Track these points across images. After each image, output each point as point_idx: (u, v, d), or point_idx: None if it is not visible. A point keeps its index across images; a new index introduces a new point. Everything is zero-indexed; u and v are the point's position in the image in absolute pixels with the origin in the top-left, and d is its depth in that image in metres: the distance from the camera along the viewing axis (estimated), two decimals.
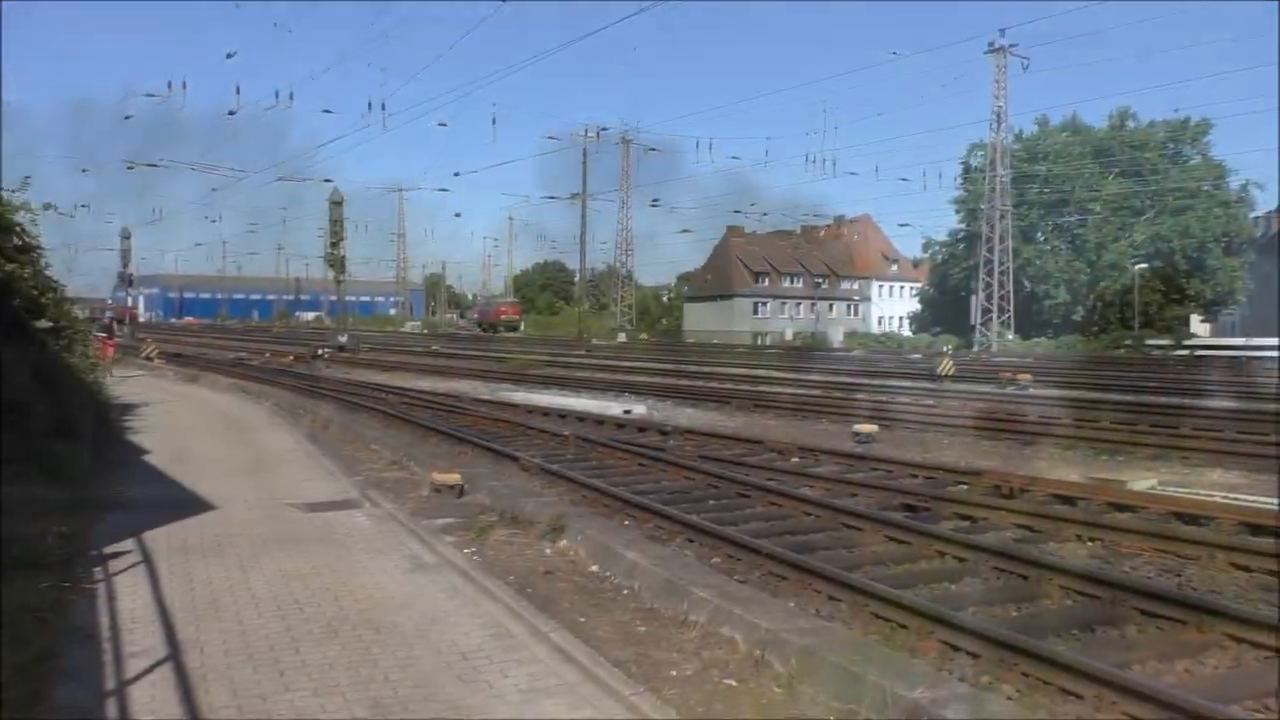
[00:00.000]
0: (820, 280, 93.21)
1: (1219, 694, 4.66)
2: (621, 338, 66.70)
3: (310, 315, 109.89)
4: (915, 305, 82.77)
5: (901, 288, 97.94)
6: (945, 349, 39.76)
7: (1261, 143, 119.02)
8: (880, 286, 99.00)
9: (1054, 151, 62.50)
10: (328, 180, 63.34)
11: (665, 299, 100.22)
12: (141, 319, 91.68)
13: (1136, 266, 57.33)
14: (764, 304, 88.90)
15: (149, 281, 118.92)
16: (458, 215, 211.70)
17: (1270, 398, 20.41)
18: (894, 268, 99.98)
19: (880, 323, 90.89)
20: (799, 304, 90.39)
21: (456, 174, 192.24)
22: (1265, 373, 28.94)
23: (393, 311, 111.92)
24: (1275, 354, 36.56)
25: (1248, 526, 8.17)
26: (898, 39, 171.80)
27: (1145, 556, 7.60)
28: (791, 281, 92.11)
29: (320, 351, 36.73)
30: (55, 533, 7.37)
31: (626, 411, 18.41)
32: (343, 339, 41.05)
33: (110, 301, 75.08)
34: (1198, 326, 62.09)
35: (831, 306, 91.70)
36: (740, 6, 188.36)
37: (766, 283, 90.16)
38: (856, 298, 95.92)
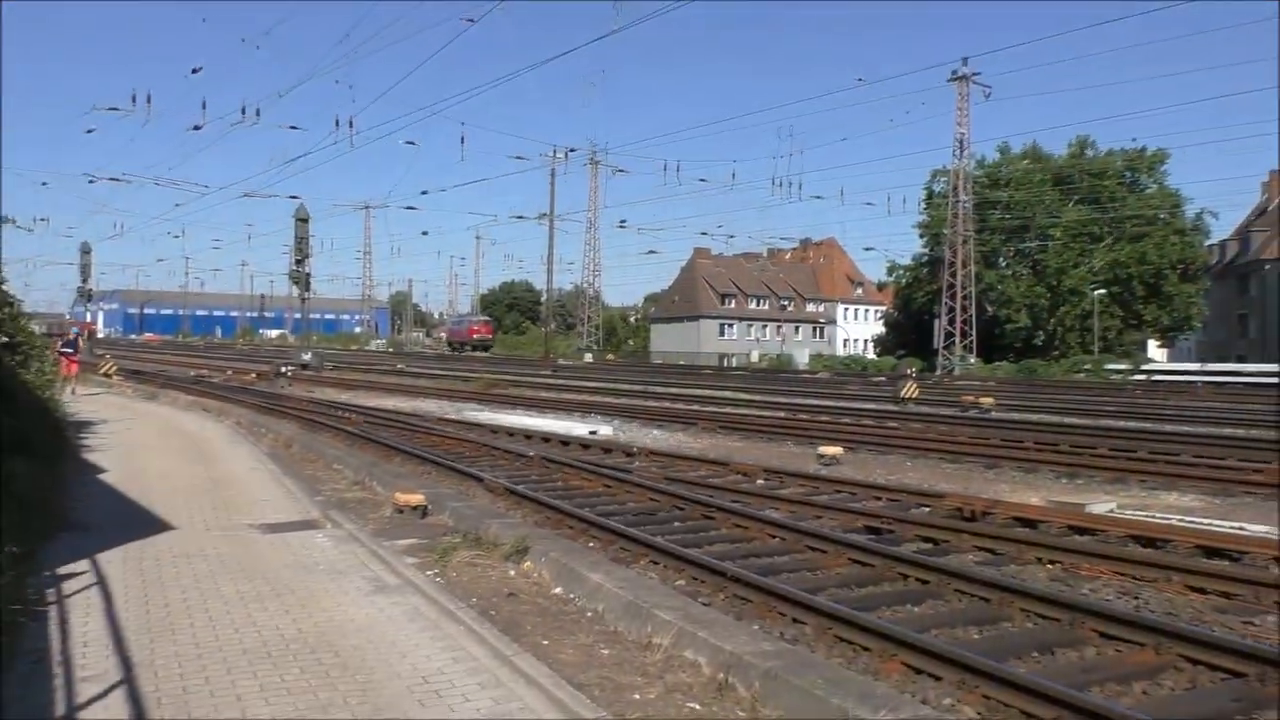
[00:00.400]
0: (786, 302, 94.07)
1: (1175, 715, 4.73)
2: (588, 358, 66.62)
3: (274, 333, 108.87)
4: (880, 328, 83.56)
5: (866, 311, 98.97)
6: (910, 371, 40.08)
7: (1215, 173, 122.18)
8: (845, 309, 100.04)
9: (1015, 178, 63.50)
10: (294, 197, 63.03)
11: (632, 320, 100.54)
12: (101, 335, 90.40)
13: (1095, 292, 58.37)
14: (730, 325, 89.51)
15: (109, 297, 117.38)
16: (425, 234, 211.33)
17: (1224, 422, 20.83)
18: (859, 291, 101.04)
19: (845, 345, 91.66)
20: (765, 326, 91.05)
21: (424, 192, 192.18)
22: (1219, 397, 29.54)
23: (358, 330, 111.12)
24: (1229, 379, 37.33)
25: (1203, 549, 8.33)
26: (863, 65, 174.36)
27: (1104, 579, 7.70)
28: (758, 304, 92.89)
29: (283, 369, 36.32)
30: (6, 552, 7.19)
31: (592, 432, 18.38)
32: (306, 357, 40.64)
33: (69, 316, 73.97)
34: (1155, 351, 63.35)
35: (797, 329, 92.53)
36: (708, 29, 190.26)
37: (733, 304, 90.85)
38: (822, 320, 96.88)
